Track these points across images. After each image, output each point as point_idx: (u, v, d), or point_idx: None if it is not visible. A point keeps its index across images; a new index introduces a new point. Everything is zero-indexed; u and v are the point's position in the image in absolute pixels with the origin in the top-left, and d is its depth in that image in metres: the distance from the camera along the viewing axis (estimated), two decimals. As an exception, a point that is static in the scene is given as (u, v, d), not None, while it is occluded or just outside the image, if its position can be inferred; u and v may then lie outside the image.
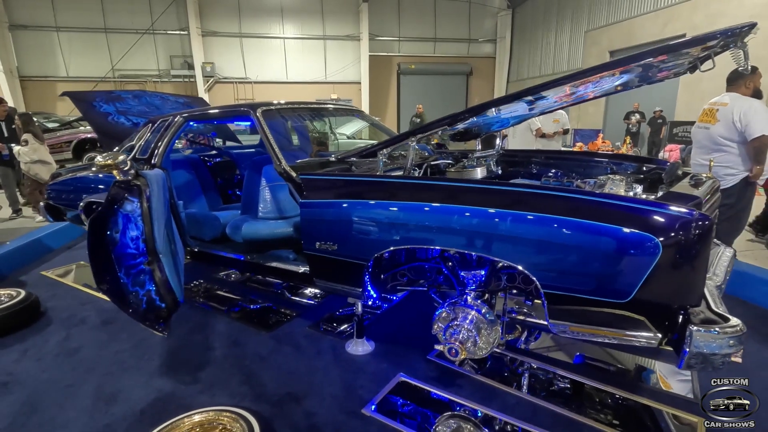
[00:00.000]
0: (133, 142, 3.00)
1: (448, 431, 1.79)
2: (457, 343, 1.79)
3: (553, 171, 2.89)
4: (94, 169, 3.48)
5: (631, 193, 1.85)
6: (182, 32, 16.14)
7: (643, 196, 1.74)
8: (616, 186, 2.16)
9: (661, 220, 1.27)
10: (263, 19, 16.70)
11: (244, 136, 5.30)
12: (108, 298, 2.05)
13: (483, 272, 1.91)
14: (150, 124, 3.01)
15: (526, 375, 2.13)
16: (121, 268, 1.82)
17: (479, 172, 2.37)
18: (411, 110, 17.37)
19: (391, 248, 1.73)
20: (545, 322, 1.52)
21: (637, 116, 11.26)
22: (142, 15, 15.62)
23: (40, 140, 5.75)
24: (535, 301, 1.97)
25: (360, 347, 2.36)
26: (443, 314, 1.90)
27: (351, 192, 1.85)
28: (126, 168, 1.79)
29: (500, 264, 1.72)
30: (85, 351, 2.40)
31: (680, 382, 2.06)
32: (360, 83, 17.72)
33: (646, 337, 1.36)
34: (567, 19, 14.82)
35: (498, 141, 3.06)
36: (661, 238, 1.24)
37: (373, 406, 1.89)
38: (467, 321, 1.84)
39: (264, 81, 17.08)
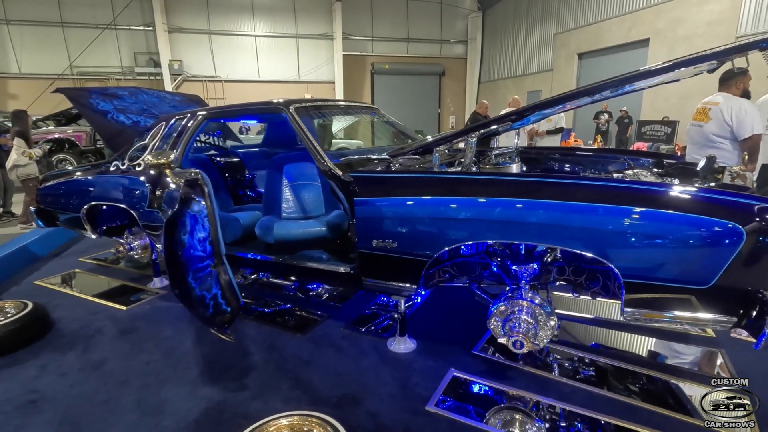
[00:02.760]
0: (146, 141, 2.84)
1: (500, 423, 1.80)
2: (521, 336, 1.82)
3: (568, 166, 2.98)
4: (78, 174, 3.29)
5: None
6: (147, 28, 15.45)
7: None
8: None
9: (746, 209, 1.35)
10: (233, 16, 16.25)
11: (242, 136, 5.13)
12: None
13: (536, 265, 1.96)
14: (164, 123, 2.86)
15: (564, 362, 2.19)
16: (189, 272, 1.73)
17: (515, 168, 2.41)
18: (385, 110, 17.39)
19: (464, 244, 1.74)
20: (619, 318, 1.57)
21: (606, 116, 11.79)
22: (103, 9, 14.83)
23: None
24: (582, 293, 2.05)
25: (402, 345, 2.35)
26: (501, 308, 1.93)
27: (418, 189, 1.84)
28: (176, 166, 1.70)
29: (572, 255, 1.75)
30: (112, 363, 2.26)
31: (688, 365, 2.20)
32: (334, 83, 17.60)
33: (722, 320, 1.44)
34: (536, 22, 15.31)
35: (516, 139, 3.14)
36: (745, 226, 1.32)
37: (435, 402, 1.89)
38: (525, 313, 1.88)
39: (235, 80, 16.64)
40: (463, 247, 1.87)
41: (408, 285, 2.02)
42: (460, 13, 18.68)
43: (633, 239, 1.46)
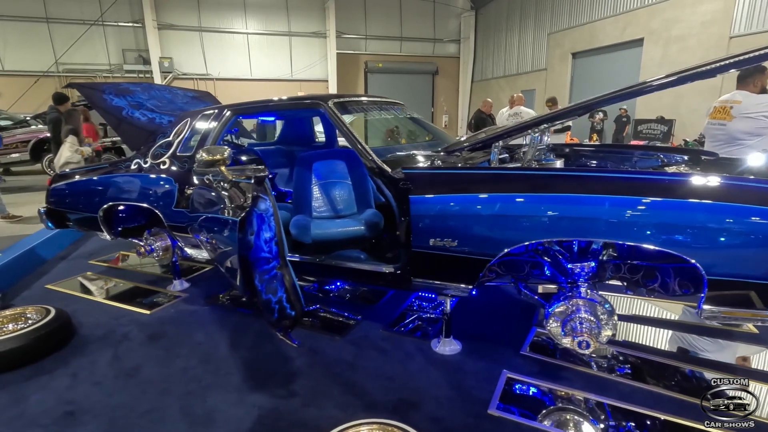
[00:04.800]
0: (170, 138, 2.73)
1: (551, 423, 1.76)
2: (585, 335, 1.78)
3: (595, 162, 2.96)
4: (95, 173, 3.15)
5: None
6: (136, 25, 15.10)
7: None
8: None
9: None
10: (225, 13, 15.99)
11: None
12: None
13: (594, 263, 1.92)
14: (188, 119, 2.75)
15: (608, 360, 2.17)
16: (256, 274, 1.64)
17: (558, 165, 2.37)
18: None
19: (535, 241, 1.69)
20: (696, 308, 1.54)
21: (601, 114, 11.92)
22: (90, 4, 14.43)
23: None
24: (633, 292, 2.02)
25: (448, 347, 2.29)
26: (560, 308, 1.88)
27: (485, 186, 1.77)
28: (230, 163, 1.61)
29: (645, 253, 1.72)
30: (147, 370, 2.15)
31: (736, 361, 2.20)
32: (327, 81, 17.46)
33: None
34: (530, 22, 15.42)
35: (547, 136, 3.10)
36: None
37: (497, 405, 1.84)
38: (586, 312, 1.84)
39: (227, 78, 16.38)
40: (525, 244, 1.81)
41: (462, 285, 1.97)
42: (453, 12, 18.70)
43: (725, 236, 1.43)
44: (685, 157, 2.72)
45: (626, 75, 11.37)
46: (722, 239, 1.43)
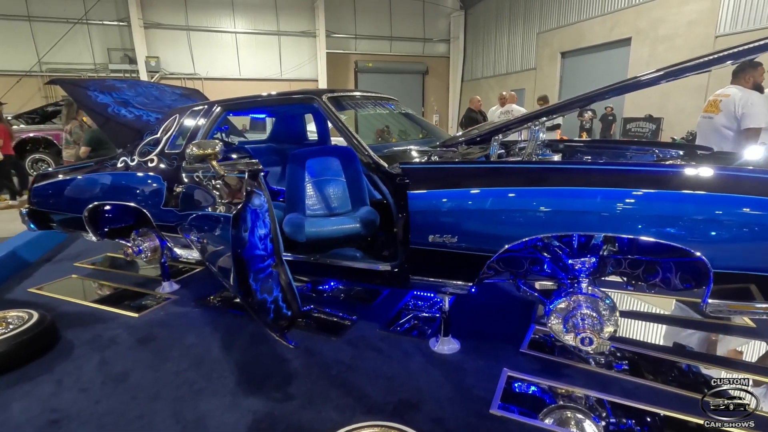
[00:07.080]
0: (158, 136, 2.64)
1: (552, 421, 1.73)
2: (588, 331, 1.75)
3: (590, 158, 2.94)
4: (80, 172, 3.05)
5: None
6: (121, 23, 14.81)
7: None
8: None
9: None
10: (212, 11, 15.77)
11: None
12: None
13: (595, 259, 1.89)
14: (177, 115, 2.67)
15: (607, 356, 2.15)
16: (250, 273, 1.57)
17: (556, 159, 2.35)
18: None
19: (539, 236, 1.65)
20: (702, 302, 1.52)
21: (590, 113, 12.01)
22: (73, 3, 14.11)
23: None
24: (634, 288, 2.01)
25: (446, 346, 2.25)
26: (562, 305, 1.85)
27: (487, 180, 1.73)
28: (221, 158, 1.55)
29: (647, 247, 1.69)
30: (136, 375, 2.07)
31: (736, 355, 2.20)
32: (317, 81, 17.33)
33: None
34: (519, 21, 15.48)
35: (542, 132, 3.08)
36: None
37: (498, 405, 1.80)
38: (588, 308, 1.81)
39: (215, 77, 16.17)
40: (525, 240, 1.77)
41: (461, 282, 1.93)
42: (443, 11, 18.71)
43: (730, 227, 1.40)
44: (681, 152, 2.71)
45: (615, 74, 11.45)
46: (728, 231, 1.41)
